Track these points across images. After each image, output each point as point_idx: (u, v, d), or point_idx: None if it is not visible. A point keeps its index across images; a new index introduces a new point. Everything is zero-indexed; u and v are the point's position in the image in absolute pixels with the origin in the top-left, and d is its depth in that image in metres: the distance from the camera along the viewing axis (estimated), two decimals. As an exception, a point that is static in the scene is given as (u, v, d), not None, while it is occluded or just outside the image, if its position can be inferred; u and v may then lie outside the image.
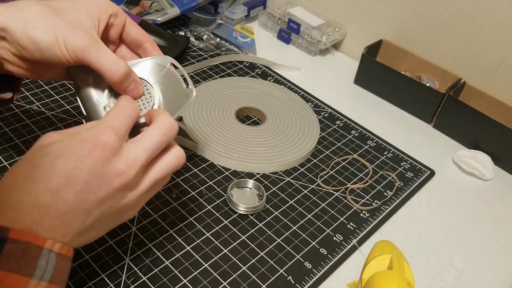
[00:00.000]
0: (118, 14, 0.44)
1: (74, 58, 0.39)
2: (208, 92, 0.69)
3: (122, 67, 0.40)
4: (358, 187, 0.61)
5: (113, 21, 0.44)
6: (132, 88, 0.42)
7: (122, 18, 0.45)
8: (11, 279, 0.30)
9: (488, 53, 0.72)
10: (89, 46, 0.39)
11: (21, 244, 0.31)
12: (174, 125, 0.39)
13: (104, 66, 0.39)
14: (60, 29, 0.38)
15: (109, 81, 0.40)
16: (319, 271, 0.50)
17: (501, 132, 0.67)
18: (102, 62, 0.39)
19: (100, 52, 0.39)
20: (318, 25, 0.86)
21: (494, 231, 0.59)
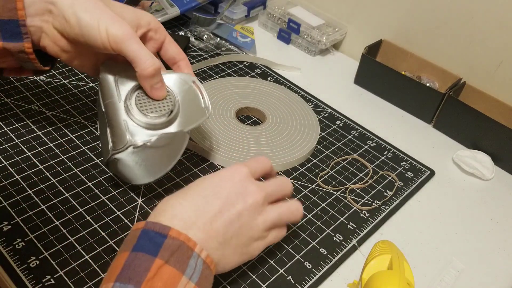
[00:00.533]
0: (158, 30, 0.47)
1: (113, 45, 0.41)
2: (208, 92, 0.69)
3: (156, 62, 0.43)
4: (358, 187, 0.61)
5: (153, 35, 0.47)
6: (159, 87, 0.44)
7: (162, 35, 0.48)
8: (168, 270, 0.35)
9: (488, 53, 0.72)
10: (129, 37, 0.41)
11: (177, 241, 0.36)
12: (290, 185, 0.48)
13: (140, 57, 0.42)
14: (105, 15, 0.41)
15: (142, 73, 0.42)
16: (319, 271, 0.50)
17: (501, 132, 0.67)
18: (139, 54, 0.41)
19: (138, 44, 0.42)
20: (318, 25, 0.86)
21: (494, 231, 0.59)
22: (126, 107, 0.45)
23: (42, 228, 0.48)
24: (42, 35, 0.43)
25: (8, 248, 0.46)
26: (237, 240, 0.41)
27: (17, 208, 0.50)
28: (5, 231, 0.47)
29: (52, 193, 0.52)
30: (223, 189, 0.41)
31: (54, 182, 0.53)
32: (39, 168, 0.54)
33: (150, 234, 0.36)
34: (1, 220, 0.48)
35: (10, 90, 0.64)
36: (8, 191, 0.51)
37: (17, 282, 0.43)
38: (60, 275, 0.44)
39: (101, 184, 0.54)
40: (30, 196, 0.51)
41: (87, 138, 0.59)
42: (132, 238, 0.37)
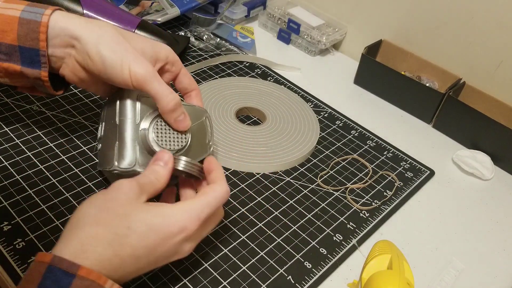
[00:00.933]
0: (175, 63, 0.48)
1: (135, 84, 0.42)
2: (208, 92, 0.69)
3: (176, 97, 0.44)
4: (358, 187, 0.61)
5: (169, 68, 0.48)
6: (181, 119, 0.45)
7: (178, 68, 0.49)
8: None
9: (487, 53, 0.72)
10: (151, 75, 0.42)
11: (86, 281, 0.34)
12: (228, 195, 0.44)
13: (162, 94, 0.43)
14: (128, 54, 0.42)
15: (164, 108, 0.44)
16: (319, 270, 0.50)
17: (501, 132, 0.67)
18: (160, 91, 0.43)
19: (159, 82, 0.43)
20: (318, 25, 0.86)
21: (494, 231, 0.59)
22: (142, 131, 0.45)
23: (43, 228, 0.48)
24: (63, 65, 0.45)
25: (8, 248, 0.46)
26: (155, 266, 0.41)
27: (18, 208, 0.50)
28: (5, 231, 0.47)
29: (52, 193, 0.52)
30: (157, 251, 0.39)
31: (54, 182, 0.53)
32: (39, 168, 0.54)
33: (56, 274, 0.33)
34: (2, 220, 0.48)
35: (11, 90, 0.64)
36: (8, 191, 0.51)
37: (18, 282, 0.43)
38: (60, 275, 0.44)
39: (101, 184, 0.54)
40: (30, 196, 0.51)
41: (87, 138, 0.60)
42: (36, 273, 0.34)
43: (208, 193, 0.42)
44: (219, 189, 0.43)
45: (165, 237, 0.39)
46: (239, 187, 0.58)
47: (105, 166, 0.46)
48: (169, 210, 0.40)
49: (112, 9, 0.72)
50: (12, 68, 0.44)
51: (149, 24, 0.74)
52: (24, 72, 0.44)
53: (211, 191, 0.42)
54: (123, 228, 0.37)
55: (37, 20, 0.42)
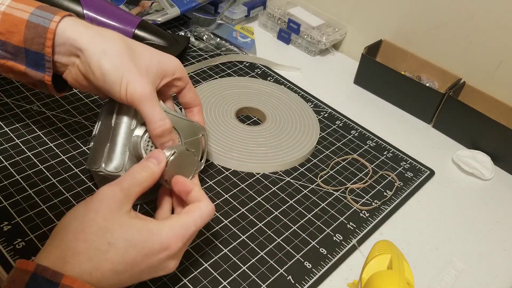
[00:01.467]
0: (182, 78, 0.49)
1: (129, 101, 0.43)
2: (208, 92, 0.69)
3: (166, 124, 0.44)
4: (358, 187, 0.61)
5: (175, 83, 0.48)
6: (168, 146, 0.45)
7: (184, 83, 0.49)
8: None
9: (487, 53, 0.72)
10: (146, 98, 0.42)
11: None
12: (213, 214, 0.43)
13: (152, 118, 0.43)
14: (129, 72, 0.42)
15: (151, 132, 0.44)
16: (319, 270, 0.50)
17: (500, 132, 0.67)
18: (152, 115, 0.43)
19: (153, 106, 0.43)
20: (318, 25, 0.86)
21: (494, 231, 0.59)
22: (135, 138, 0.45)
23: (43, 228, 0.48)
24: (66, 71, 0.45)
25: (8, 248, 0.46)
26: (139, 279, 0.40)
27: (18, 208, 0.50)
28: (5, 231, 0.47)
29: (52, 193, 0.52)
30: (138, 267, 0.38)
31: (54, 182, 0.53)
32: (39, 168, 0.54)
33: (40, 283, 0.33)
34: (2, 220, 0.48)
35: (11, 90, 0.64)
36: (8, 191, 0.51)
37: (17, 282, 0.43)
38: (60, 275, 0.44)
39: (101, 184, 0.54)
40: (30, 196, 0.51)
41: (87, 138, 0.60)
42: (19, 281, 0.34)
43: (195, 211, 0.42)
44: (204, 207, 0.42)
45: (147, 254, 0.38)
46: (239, 187, 0.58)
47: (92, 166, 0.46)
48: (154, 227, 0.39)
49: (112, 9, 0.72)
50: (17, 68, 0.44)
51: (149, 24, 0.74)
52: (28, 73, 0.44)
53: (197, 209, 0.42)
54: (103, 244, 0.36)
55: (45, 25, 0.42)
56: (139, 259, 0.38)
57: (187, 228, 0.40)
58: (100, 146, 0.46)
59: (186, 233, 0.40)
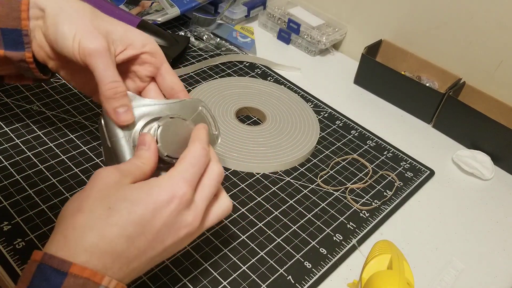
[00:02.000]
0: (156, 54, 0.44)
1: (82, 57, 0.40)
2: (208, 92, 0.69)
3: (119, 86, 0.40)
4: (358, 187, 0.61)
5: (148, 58, 0.44)
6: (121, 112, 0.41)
7: (159, 60, 0.45)
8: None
9: (487, 53, 0.72)
10: (99, 53, 0.39)
11: (80, 279, 0.31)
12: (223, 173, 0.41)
13: (103, 77, 0.40)
14: (83, 27, 0.40)
15: (103, 93, 0.40)
16: (319, 270, 0.50)
17: (500, 132, 0.67)
18: (103, 72, 0.40)
19: (106, 63, 0.40)
20: (318, 25, 0.86)
21: (494, 231, 0.59)
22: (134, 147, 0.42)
23: (43, 228, 0.48)
24: (33, 40, 0.43)
25: (8, 248, 0.46)
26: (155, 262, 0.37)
27: (17, 208, 0.50)
28: (5, 231, 0.47)
29: (52, 193, 0.52)
30: (153, 226, 0.35)
31: (54, 182, 0.53)
32: (39, 168, 0.54)
33: (46, 272, 0.31)
34: (1, 220, 0.48)
35: (10, 90, 0.64)
36: (8, 191, 0.51)
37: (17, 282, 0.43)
38: (60, 275, 0.44)
39: (101, 184, 0.54)
40: (30, 196, 0.51)
41: (87, 138, 0.60)
42: (27, 273, 0.32)
43: (185, 156, 0.39)
44: (193, 148, 0.39)
45: (155, 208, 0.35)
46: (239, 187, 0.58)
47: None
48: (152, 182, 0.37)
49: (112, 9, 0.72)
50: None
51: (149, 24, 0.74)
52: (8, 56, 0.42)
53: (186, 152, 0.39)
54: (103, 210, 0.34)
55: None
56: (148, 216, 0.35)
57: (184, 170, 0.37)
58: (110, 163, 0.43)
59: (185, 175, 0.37)
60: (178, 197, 0.36)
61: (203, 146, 0.40)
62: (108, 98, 0.40)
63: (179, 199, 0.36)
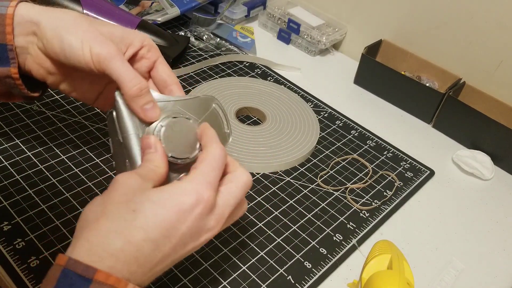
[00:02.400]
0: (151, 49, 0.44)
1: (97, 65, 0.39)
2: (208, 92, 0.69)
3: (142, 81, 0.40)
4: (358, 187, 0.61)
5: (144, 53, 0.44)
6: (149, 108, 0.41)
7: (155, 54, 0.45)
8: None
9: (487, 53, 0.72)
10: (114, 56, 0.39)
11: (104, 287, 0.31)
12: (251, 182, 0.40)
13: (125, 77, 0.39)
14: (89, 34, 0.39)
15: (128, 93, 0.40)
16: (319, 270, 0.50)
17: (501, 132, 0.67)
18: (123, 73, 0.39)
19: (123, 64, 0.39)
20: (318, 25, 0.86)
21: (494, 231, 0.59)
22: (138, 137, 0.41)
23: (43, 228, 0.48)
24: (27, 57, 0.42)
25: (8, 248, 0.46)
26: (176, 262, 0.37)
27: (17, 207, 0.50)
28: (5, 231, 0.47)
29: (52, 193, 0.52)
30: (177, 230, 0.34)
31: (54, 182, 0.53)
32: (39, 168, 0.54)
33: (71, 278, 0.31)
34: (1, 220, 0.48)
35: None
36: (8, 191, 0.51)
37: (17, 282, 0.43)
38: (60, 274, 0.44)
39: (101, 184, 0.54)
40: (30, 196, 0.51)
41: (87, 138, 0.60)
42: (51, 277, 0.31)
43: (205, 157, 0.38)
44: (212, 150, 0.38)
45: (180, 211, 0.34)
46: (239, 187, 0.57)
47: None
48: (176, 184, 0.36)
49: (112, 9, 0.72)
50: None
51: (149, 24, 0.74)
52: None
53: (206, 154, 0.38)
54: (128, 213, 0.33)
55: (2, 12, 0.39)
56: (174, 219, 0.34)
57: (207, 173, 0.37)
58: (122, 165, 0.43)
59: (208, 178, 0.36)
60: (203, 201, 0.35)
61: (221, 147, 0.39)
62: (135, 96, 0.40)
63: (204, 204, 0.35)
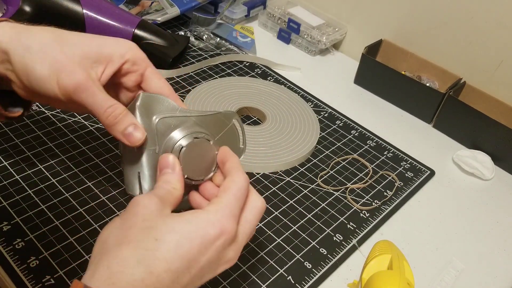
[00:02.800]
0: (137, 62, 0.41)
1: (66, 96, 0.37)
2: (208, 92, 0.69)
3: (116, 109, 0.38)
4: (358, 187, 0.61)
5: (129, 67, 0.41)
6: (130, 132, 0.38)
7: (142, 67, 0.42)
8: None
9: (488, 53, 0.72)
10: (83, 86, 0.37)
11: None
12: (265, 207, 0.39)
13: (98, 108, 0.37)
14: (56, 64, 0.37)
15: (104, 122, 0.38)
16: (319, 271, 0.50)
17: (501, 132, 0.67)
18: (96, 104, 0.37)
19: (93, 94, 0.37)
20: (318, 25, 0.86)
21: (494, 231, 0.59)
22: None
23: (42, 228, 0.48)
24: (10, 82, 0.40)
25: (8, 248, 0.46)
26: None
27: (17, 208, 0.50)
28: (5, 231, 0.47)
29: (52, 193, 0.52)
30: (198, 262, 0.33)
31: (54, 182, 0.53)
32: (39, 168, 0.54)
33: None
34: (1, 220, 0.48)
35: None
36: (8, 191, 0.51)
37: (17, 282, 0.43)
38: (60, 275, 0.44)
39: (101, 184, 0.54)
40: (30, 196, 0.51)
41: (87, 138, 0.59)
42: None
43: (230, 187, 0.37)
44: (237, 180, 0.37)
45: (203, 243, 0.33)
46: (239, 187, 0.57)
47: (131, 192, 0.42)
48: (200, 214, 0.34)
49: (112, 9, 0.72)
50: None
51: (149, 24, 0.74)
52: None
53: (231, 183, 0.37)
54: (150, 242, 0.32)
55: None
56: (196, 251, 0.33)
57: (232, 205, 0.36)
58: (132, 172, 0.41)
59: (234, 210, 0.35)
60: (226, 233, 0.34)
61: (245, 177, 0.38)
62: (111, 125, 0.38)
63: (226, 236, 0.34)
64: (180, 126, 0.41)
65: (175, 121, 0.41)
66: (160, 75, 0.43)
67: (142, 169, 0.40)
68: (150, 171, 0.40)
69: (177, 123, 0.41)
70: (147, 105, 0.40)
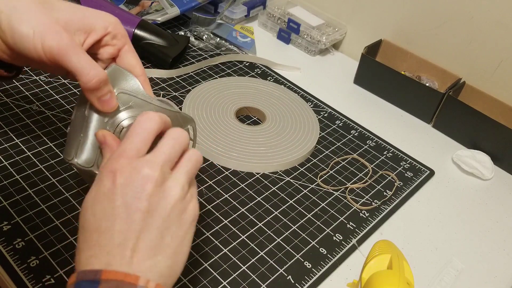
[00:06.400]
0: (117, 36, 0.42)
1: (50, 58, 0.37)
2: (208, 92, 0.69)
3: (100, 73, 0.38)
4: (357, 186, 0.61)
5: (108, 40, 0.42)
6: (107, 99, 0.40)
7: (121, 42, 0.42)
8: None
9: (487, 53, 0.72)
10: (68, 47, 0.37)
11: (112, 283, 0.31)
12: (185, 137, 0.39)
13: (82, 69, 0.37)
14: (41, 25, 0.37)
15: (85, 86, 0.38)
16: (319, 270, 0.50)
17: (500, 132, 0.67)
18: (80, 66, 0.37)
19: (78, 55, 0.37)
20: (318, 25, 0.86)
21: (494, 231, 0.59)
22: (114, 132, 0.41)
23: (42, 228, 0.48)
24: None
25: (8, 248, 0.46)
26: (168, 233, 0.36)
27: (17, 207, 0.50)
28: (5, 230, 0.47)
29: (52, 192, 0.52)
30: (115, 210, 0.34)
31: (54, 181, 0.53)
32: (39, 168, 0.54)
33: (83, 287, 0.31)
34: (1, 219, 0.48)
35: (10, 89, 0.64)
36: (8, 190, 0.51)
37: (17, 281, 0.43)
38: (60, 274, 0.44)
39: (101, 184, 0.54)
40: (30, 195, 0.51)
41: (87, 138, 0.59)
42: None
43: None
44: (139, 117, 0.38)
45: (104, 193, 0.35)
46: (239, 187, 0.57)
47: (66, 156, 0.42)
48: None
49: (111, 9, 0.72)
50: None
51: (149, 24, 0.74)
52: None
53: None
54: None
55: None
56: (104, 205, 0.34)
57: (120, 146, 0.37)
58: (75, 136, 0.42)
59: (119, 149, 0.36)
60: (116, 171, 0.35)
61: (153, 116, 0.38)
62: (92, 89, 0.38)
63: (118, 173, 0.35)
64: (135, 108, 0.41)
65: (133, 101, 0.41)
66: (136, 55, 0.44)
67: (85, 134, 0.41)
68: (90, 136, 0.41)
69: (133, 104, 0.41)
70: (113, 77, 0.41)
